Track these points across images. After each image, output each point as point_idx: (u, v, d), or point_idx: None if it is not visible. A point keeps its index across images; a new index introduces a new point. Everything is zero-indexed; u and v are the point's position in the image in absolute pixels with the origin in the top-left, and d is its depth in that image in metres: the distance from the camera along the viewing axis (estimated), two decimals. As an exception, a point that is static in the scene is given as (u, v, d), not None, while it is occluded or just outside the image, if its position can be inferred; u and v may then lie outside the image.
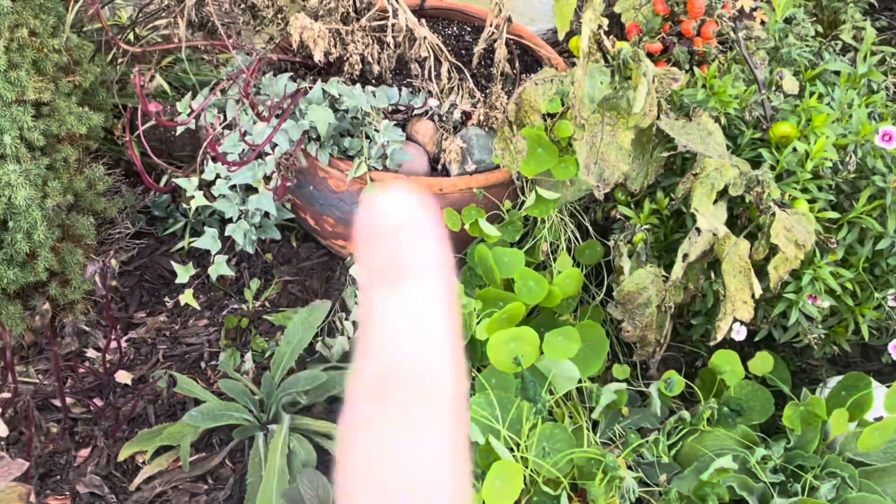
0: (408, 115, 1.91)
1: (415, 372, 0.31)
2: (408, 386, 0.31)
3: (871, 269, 1.60)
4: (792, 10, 1.75)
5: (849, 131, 1.56)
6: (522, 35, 2.12)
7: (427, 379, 0.31)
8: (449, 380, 0.32)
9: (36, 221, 1.69)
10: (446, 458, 0.31)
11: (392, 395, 0.31)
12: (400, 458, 0.31)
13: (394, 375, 0.31)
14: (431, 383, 0.31)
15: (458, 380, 0.32)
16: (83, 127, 1.80)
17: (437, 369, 0.32)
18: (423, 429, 0.31)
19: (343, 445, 0.32)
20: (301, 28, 1.77)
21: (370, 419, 0.31)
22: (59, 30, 1.82)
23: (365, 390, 0.32)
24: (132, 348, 1.91)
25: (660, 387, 1.66)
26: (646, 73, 1.39)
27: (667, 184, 1.65)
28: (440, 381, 0.32)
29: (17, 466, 1.14)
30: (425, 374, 0.31)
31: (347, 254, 1.98)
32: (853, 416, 1.59)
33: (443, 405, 0.32)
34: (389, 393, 0.31)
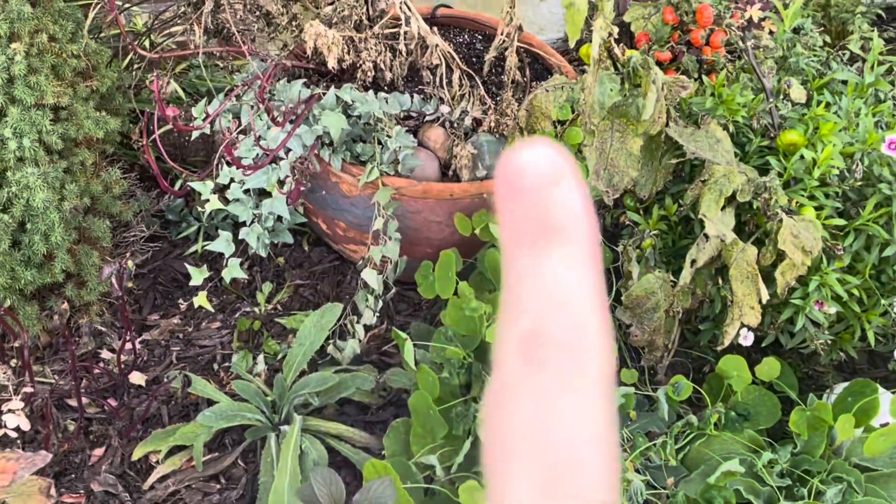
0: (419, 121, 1.93)
1: (566, 331, 0.30)
2: (559, 346, 0.30)
3: (877, 275, 1.62)
4: (800, 21, 1.77)
5: (856, 140, 1.58)
6: (533, 43, 2.14)
7: (578, 339, 0.30)
8: (600, 340, 0.30)
9: (53, 223, 1.71)
10: (599, 424, 0.30)
11: (543, 356, 0.30)
12: (552, 421, 0.29)
13: (544, 335, 0.30)
14: (583, 343, 0.30)
15: (607, 340, 0.31)
16: (100, 131, 1.83)
17: (588, 329, 0.30)
18: (576, 392, 0.30)
19: (490, 409, 0.31)
20: (315, 35, 1.80)
21: (520, 381, 0.30)
22: (77, 35, 1.85)
23: (514, 351, 0.30)
24: (146, 350, 1.94)
25: (668, 391, 1.67)
26: (655, 80, 1.41)
27: (675, 190, 1.67)
28: (591, 341, 0.30)
29: (41, 458, 1.16)
30: (577, 334, 0.30)
31: (359, 258, 2.01)
32: (859, 421, 1.60)
33: (596, 366, 0.30)
34: (540, 353, 0.30)
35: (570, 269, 0.30)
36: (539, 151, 0.31)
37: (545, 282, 0.30)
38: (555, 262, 0.30)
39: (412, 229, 1.85)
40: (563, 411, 0.29)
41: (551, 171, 0.31)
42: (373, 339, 1.96)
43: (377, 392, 1.83)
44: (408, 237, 1.84)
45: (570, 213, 0.31)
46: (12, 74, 1.69)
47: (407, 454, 1.59)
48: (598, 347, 0.30)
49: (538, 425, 0.29)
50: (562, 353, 0.30)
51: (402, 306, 2.04)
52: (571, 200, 0.31)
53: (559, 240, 0.31)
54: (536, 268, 0.30)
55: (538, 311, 0.30)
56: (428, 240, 1.88)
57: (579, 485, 0.29)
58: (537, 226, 0.31)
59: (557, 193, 0.30)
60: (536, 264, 0.30)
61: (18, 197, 1.69)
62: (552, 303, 0.30)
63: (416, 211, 1.83)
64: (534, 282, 0.30)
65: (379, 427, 1.80)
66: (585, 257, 0.31)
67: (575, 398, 0.30)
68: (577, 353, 0.30)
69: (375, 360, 1.93)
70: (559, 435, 0.29)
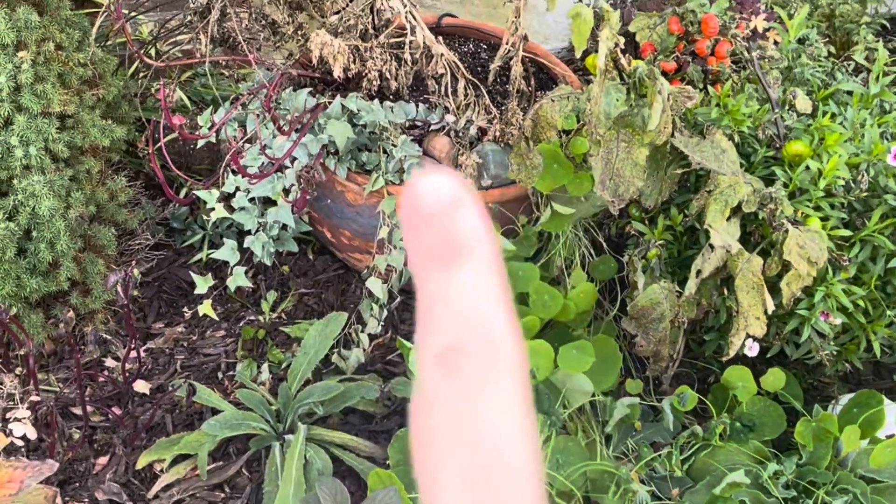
0: (425, 130, 1.94)
1: (479, 341, 0.32)
2: (474, 354, 0.32)
3: (883, 286, 1.61)
4: (805, 31, 1.78)
5: (861, 150, 1.58)
6: (538, 53, 2.14)
7: (492, 346, 0.32)
8: (512, 346, 0.32)
9: (59, 231, 1.72)
10: (518, 419, 0.32)
11: (459, 364, 0.32)
12: (473, 421, 0.31)
13: (459, 346, 0.32)
14: (496, 350, 0.32)
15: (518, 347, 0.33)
16: (106, 139, 1.83)
17: (500, 338, 0.32)
18: (492, 391, 0.32)
19: (416, 418, 0.33)
20: (321, 44, 1.80)
21: (440, 389, 0.32)
22: (84, 44, 1.86)
23: (432, 364, 0.32)
24: (150, 358, 1.94)
25: (672, 402, 1.67)
26: (661, 91, 1.41)
27: (681, 200, 1.67)
28: (504, 347, 0.32)
29: (47, 467, 1.16)
30: (490, 342, 0.32)
31: (363, 267, 2.01)
32: (865, 433, 1.60)
33: (509, 368, 0.32)
34: (457, 362, 0.32)
35: (479, 285, 0.32)
36: (439, 180, 0.33)
37: (456, 300, 0.32)
38: (463, 279, 0.32)
39: (417, 238, 1.85)
40: (482, 411, 0.31)
41: (452, 197, 0.32)
42: (377, 348, 1.96)
43: (382, 401, 1.83)
44: (413, 246, 1.84)
45: (472, 234, 0.33)
46: (19, 83, 1.69)
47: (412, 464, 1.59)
48: (511, 352, 0.32)
49: (460, 427, 0.31)
50: (476, 360, 0.31)
51: (406, 315, 2.04)
52: (473, 223, 0.33)
53: (465, 258, 0.32)
54: (446, 287, 0.32)
55: (452, 328, 0.32)
56: (433, 249, 1.88)
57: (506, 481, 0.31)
58: (443, 247, 0.32)
59: (460, 217, 0.32)
60: (446, 284, 0.32)
61: (24, 205, 1.69)
62: (464, 318, 0.32)
63: (421, 220, 1.83)
64: (445, 301, 0.32)
65: (384, 436, 1.79)
66: (492, 272, 0.33)
67: (492, 397, 0.32)
68: (490, 359, 0.32)
69: (380, 369, 1.93)
70: (481, 434, 0.31)
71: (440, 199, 0.32)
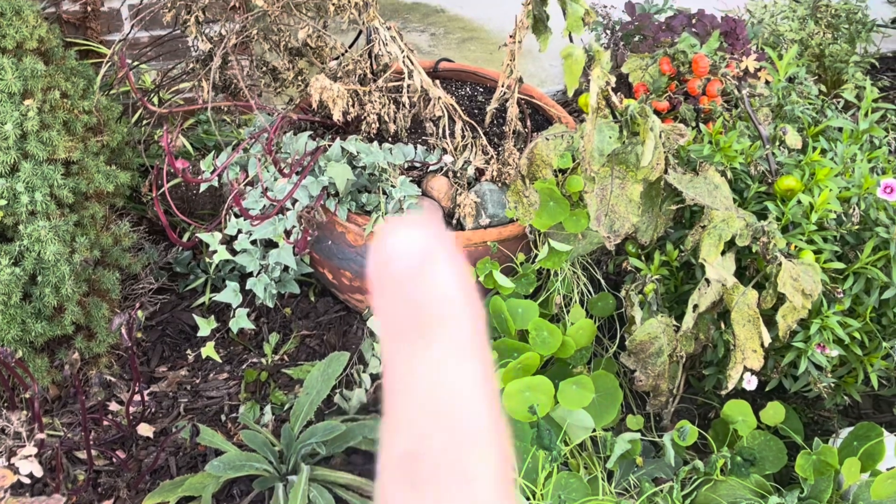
0: (423, 171, 1.97)
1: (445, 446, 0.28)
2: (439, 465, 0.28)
3: (878, 318, 1.63)
4: (794, 70, 1.81)
5: (852, 184, 1.61)
6: (533, 95, 2.18)
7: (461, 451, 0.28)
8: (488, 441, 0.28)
9: (64, 276, 1.74)
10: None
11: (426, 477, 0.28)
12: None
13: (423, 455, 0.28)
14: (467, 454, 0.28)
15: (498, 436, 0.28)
16: (110, 185, 1.87)
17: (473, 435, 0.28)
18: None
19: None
20: (321, 89, 1.84)
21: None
22: (89, 92, 1.90)
23: (397, 473, 0.28)
24: (154, 401, 1.95)
25: (673, 437, 1.68)
26: (653, 128, 1.44)
27: (676, 236, 1.70)
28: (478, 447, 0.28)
29: (54, 501, 1.17)
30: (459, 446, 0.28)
31: (364, 307, 2.03)
32: (865, 465, 1.60)
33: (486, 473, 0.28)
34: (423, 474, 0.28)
35: (449, 365, 0.28)
36: (404, 235, 0.29)
37: (422, 389, 0.28)
38: (432, 359, 0.28)
39: (417, 278, 1.87)
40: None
41: (420, 256, 0.28)
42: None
43: (384, 441, 1.83)
44: (413, 286, 1.86)
45: (444, 298, 0.28)
46: (25, 130, 1.73)
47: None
48: (485, 444, 0.28)
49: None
50: (443, 470, 0.27)
51: (407, 355, 2.06)
52: (445, 283, 0.29)
53: (434, 334, 0.28)
54: (412, 372, 0.28)
55: (415, 426, 0.28)
56: (433, 288, 1.90)
57: None
58: (410, 321, 0.28)
59: (429, 279, 0.28)
60: (412, 367, 0.28)
61: (30, 250, 1.72)
62: (429, 414, 0.28)
63: (420, 260, 1.85)
64: (411, 390, 0.28)
65: (386, 476, 1.80)
66: (465, 344, 0.29)
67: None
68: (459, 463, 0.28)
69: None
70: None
71: (406, 261, 0.28)
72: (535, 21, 1.57)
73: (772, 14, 2.54)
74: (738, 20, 2.23)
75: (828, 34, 2.45)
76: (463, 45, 3.17)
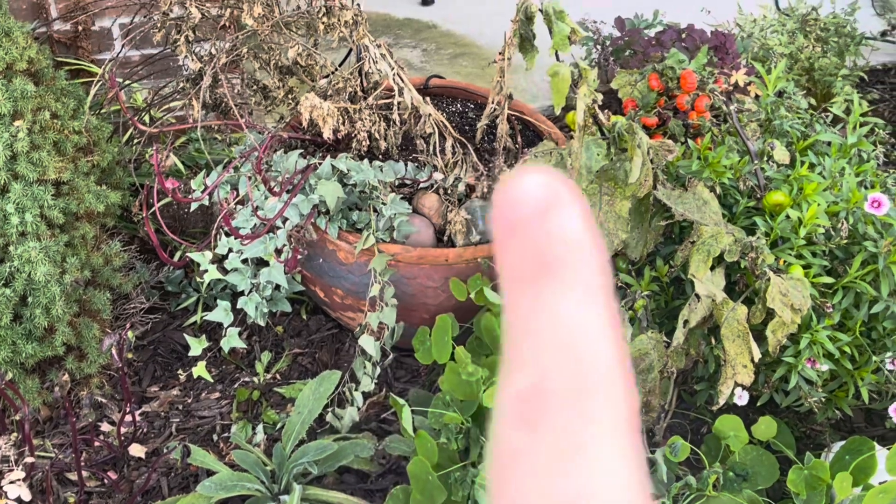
0: (414, 188, 1.97)
1: (569, 380, 0.26)
2: (562, 399, 0.26)
3: (867, 332, 1.63)
4: (783, 84, 1.82)
5: (840, 199, 1.61)
6: (524, 111, 2.19)
7: (585, 385, 0.26)
8: (613, 377, 0.27)
9: (54, 297, 1.74)
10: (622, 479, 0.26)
11: (546, 416, 0.26)
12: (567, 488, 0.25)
13: (544, 390, 0.26)
14: (593, 392, 0.26)
15: (623, 375, 0.27)
16: (101, 205, 1.87)
17: (598, 368, 0.27)
18: (589, 451, 0.26)
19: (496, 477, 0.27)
20: (311, 107, 1.84)
21: (523, 446, 0.26)
22: (79, 112, 1.90)
23: (511, 414, 0.27)
24: (146, 422, 1.94)
25: (665, 453, 1.68)
26: (640, 144, 1.45)
27: (666, 252, 1.70)
28: (604, 387, 0.26)
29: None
30: (584, 383, 0.26)
31: (356, 325, 2.02)
32: (857, 480, 1.60)
33: (610, 410, 0.26)
34: (542, 413, 0.26)
35: (575, 309, 0.27)
36: (532, 180, 0.28)
37: (544, 327, 0.27)
38: (556, 300, 0.27)
39: (408, 295, 1.87)
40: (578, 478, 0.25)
41: (546, 199, 0.28)
42: (372, 406, 1.97)
43: (376, 460, 1.83)
44: (404, 303, 1.86)
45: (569, 242, 0.27)
46: (15, 151, 1.73)
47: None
48: (612, 387, 0.27)
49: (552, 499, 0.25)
50: (565, 408, 0.26)
51: (400, 373, 2.06)
52: (570, 227, 0.28)
53: (561, 276, 0.27)
54: (535, 312, 0.27)
55: (537, 363, 0.27)
56: (424, 305, 1.90)
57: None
58: (535, 262, 0.27)
59: (554, 222, 0.27)
60: (536, 307, 0.27)
61: (20, 271, 1.71)
62: (553, 349, 0.27)
63: (411, 277, 1.85)
64: (533, 329, 0.27)
65: (379, 495, 1.79)
66: (592, 290, 0.28)
67: (587, 458, 0.25)
68: (584, 403, 0.26)
69: (374, 427, 1.93)
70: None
71: (533, 203, 0.28)
72: (521, 40, 1.58)
73: (761, 28, 2.55)
74: (728, 34, 2.24)
75: (817, 48, 2.46)
76: (455, 61, 3.18)
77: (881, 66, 2.96)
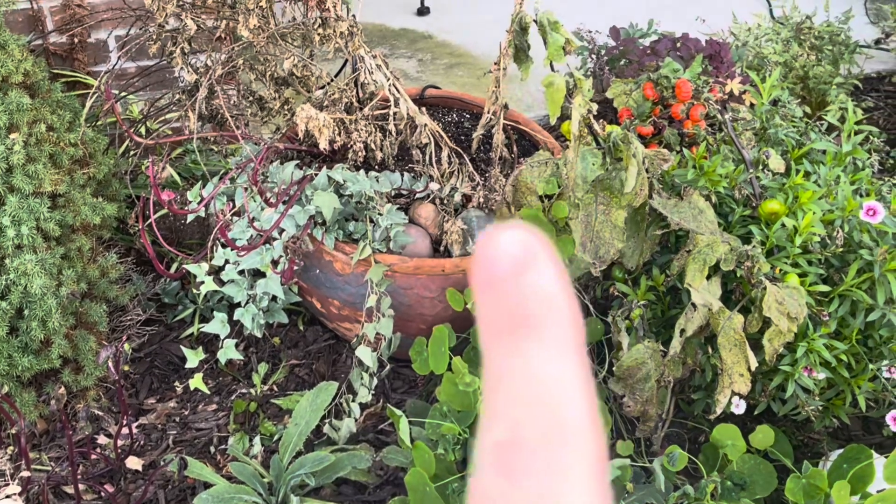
0: (410, 198, 1.97)
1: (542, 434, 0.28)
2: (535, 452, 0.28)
3: (864, 340, 1.63)
4: (778, 93, 1.82)
5: (835, 207, 1.61)
6: (519, 121, 2.19)
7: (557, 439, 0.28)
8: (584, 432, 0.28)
9: (51, 309, 1.74)
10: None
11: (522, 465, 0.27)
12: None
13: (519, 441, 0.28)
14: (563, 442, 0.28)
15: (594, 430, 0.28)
16: (97, 217, 1.87)
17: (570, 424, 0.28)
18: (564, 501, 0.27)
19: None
20: (307, 118, 1.85)
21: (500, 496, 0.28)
22: (75, 124, 1.90)
23: (489, 462, 0.28)
24: (143, 434, 1.94)
25: (663, 462, 1.67)
26: (635, 154, 1.45)
27: (662, 261, 1.70)
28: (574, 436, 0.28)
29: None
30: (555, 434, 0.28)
31: (353, 336, 2.02)
32: (855, 488, 1.60)
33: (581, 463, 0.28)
34: (516, 463, 0.28)
35: (548, 362, 0.29)
36: (508, 237, 0.29)
37: (520, 382, 0.28)
38: (531, 356, 0.29)
39: (405, 305, 1.87)
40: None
41: (523, 256, 0.29)
42: (369, 417, 1.96)
43: (374, 471, 1.83)
44: (401, 313, 1.86)
45: (545, 299, 0.29)
46: (11, 164, 1.73)
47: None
48: (582, 437, 0.28)
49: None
50: (539, 458, 0.28)
51: (397, 383, 2.05)
52: (546, 285, 0.29)
53: (535, 331, 0.29)
54: (511, 366, 0.29)
55: (512, 416, 0.28)
56: (421, 315, 1.90)
57: None
58: (511, 317, 0.29)
59: (531, 279, 0.29)
60: (511, 362, 0.29)
61: (16, 284, 1.71)
62: (527, 404, 0.28)
63: (408, 287, 1.85)
64: (508, 383, 0.29)
65: (376, 505, 1.79)
66: (565, 345, 0.29)
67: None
68: (556, 456, 0.28)
69: (372, 438, 1.93)
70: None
71: (510, 260, 0.29)
72: (516, 50, 1.58)
73: (756, 37, 2.56)
74: (723, 43, 2.25)
75: (811, 56, 2.46)
76: (450, 71, 3.19)
77: (875, 74, 2.97)
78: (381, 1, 3.59)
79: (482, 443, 0.29)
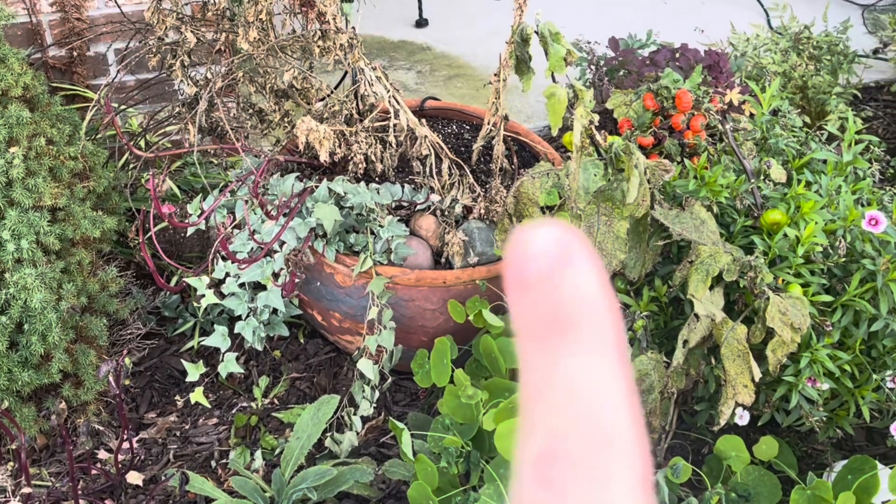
0: (411, 210, 1.97)
1: (584, 445, 0.27)
2: (577, 464, 0.26)
3: (867, 351, 1.63)
4: (778, 103, 1.82)
5: (837, 217, 1.61)
6: (520, 132, 2.19)
7: (600, 449, 0.27)
8: (628, 440, 0.27)
9: (51, 324, 1.73)
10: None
11: (560, 478, 0.26)
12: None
13: (559, 453, 0.27)
14: (606, 452, 0.27)
15: (638, 437, 0.27)
16: (97, 231, 1.86)
17: (612, 432, 0.27)
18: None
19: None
20: (307, 130, 1.84)
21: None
22: (75, 137, 1.90)
23: (532, 473, 0.27)
24: (143, 449, 1.93)
25: (667, 474, 1.67)
26: (637, 164, 1.45)
27: (664, 271, 1.69)
28: (617, 445, 0.27)
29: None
30: (597, 444, 0.27)
31: (354, 349, 2.02)
32: (860, 499, 1.59)
33: (625, 478, 0.27)
34: (557, 475, 0.26)
35: (588, 367, 0.27)
36: (545, 233, 0.28)
37: (559, 389, 0.27)
38: (569, 360, 0.27)
39: (407, 317, 1.87)
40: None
41: (559, 254, 0.28)
42: (371, 430, 1.96)
43: (376, 484, 1.82)
44: (403, 325, 1.86)
45: (583, 299, 0.28)
46: (11, 178, 1.72)
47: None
48: (627, 444, 0.27)
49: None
50: (581, 472, 0.26)
51: (399, 396, 2.05)
52: (584, 284, 0.28)
53: (573, 334, 0.28)
54: (549, 371, 0.27)
55: (552, 425, 0.27)
56: (423, 327, 1.89)
57: None
58: (548, 320, 0.28)
59: (567, 279, 0.28)
60: (549, 366, 0.28)
61: (16, 298, 1.71)
62: (567, 412, 0.27)
63: (409, 299, 1.85)
64: (547, 389, 0.27)
65: (378, 519, 1.78)
66: (605, 348, 0.28)
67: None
68: (600, 464, 0.27)
69: (374, 451, 1.92)
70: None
71: (546, 259, 0.28)
72: (517, 62, 1.58)
73: (754, 47, 2.56)
74: (722, 53, 2.25)
75: (810, 66, 2.47)
76: (450, 82, 3.19)
77: (874, 84, 2.97)
78: (380, 13, 3.60)
79: (522, 455, 0.28)
